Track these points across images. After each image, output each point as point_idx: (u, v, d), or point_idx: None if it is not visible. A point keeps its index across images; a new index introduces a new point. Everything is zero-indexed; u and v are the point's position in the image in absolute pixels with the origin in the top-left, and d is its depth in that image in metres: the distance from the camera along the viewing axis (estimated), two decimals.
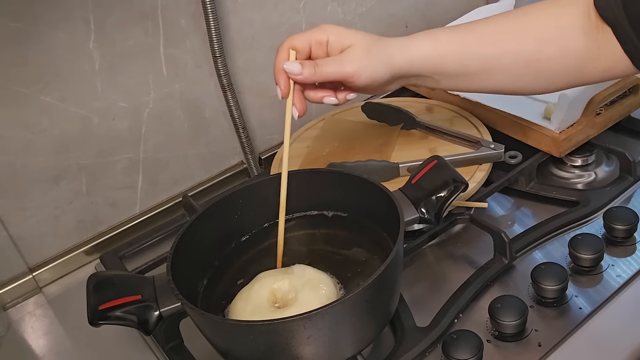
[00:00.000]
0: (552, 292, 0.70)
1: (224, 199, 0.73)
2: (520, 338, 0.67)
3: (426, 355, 0.67)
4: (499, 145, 0.86)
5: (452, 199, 0.66)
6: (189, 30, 0.91)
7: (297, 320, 0.56)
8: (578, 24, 0.66)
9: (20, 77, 0.80)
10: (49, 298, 0.88)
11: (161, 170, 0.96)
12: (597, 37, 0.66)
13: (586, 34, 0.66)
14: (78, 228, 0.91)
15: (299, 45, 0.67)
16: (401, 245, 0.62)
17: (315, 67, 0.66)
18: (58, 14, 0.80)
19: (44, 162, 0.85)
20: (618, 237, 0.77)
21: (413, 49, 0.68)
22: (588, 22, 0.66)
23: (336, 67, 0.66)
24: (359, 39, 0.67)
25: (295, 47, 0.67)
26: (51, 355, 0.79)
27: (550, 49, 0.67)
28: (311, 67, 0.66)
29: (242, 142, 1.00)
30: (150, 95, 0.91)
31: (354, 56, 0.66)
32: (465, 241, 0.82)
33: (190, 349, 0.71)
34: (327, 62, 0.67)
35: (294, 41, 0.67)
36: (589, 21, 0.66)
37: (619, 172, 0.87)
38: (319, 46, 0.67)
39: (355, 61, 0.66)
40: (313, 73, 0.66)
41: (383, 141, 0.92)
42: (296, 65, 0.66)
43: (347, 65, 0.66)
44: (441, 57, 0.68)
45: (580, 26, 0.66)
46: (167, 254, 0.65)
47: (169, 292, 0.61)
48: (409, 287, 0.75)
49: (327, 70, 0.66)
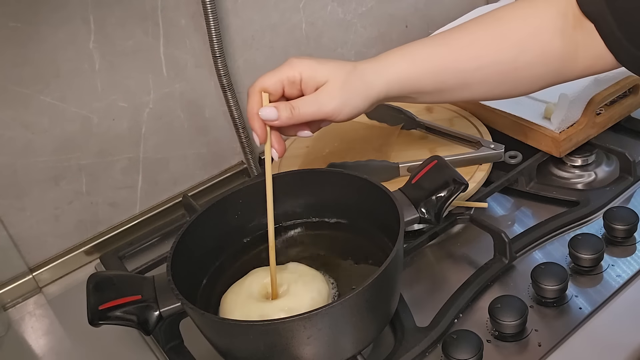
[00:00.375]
0: (552, 292, 0.70)
1: (224, 199, 0.73)
2: (520, 338, 0.67)
3: (426, 355, 0.67)
4: (499, 145, 0.86)
5: (452, 199, 0.66)
6: (189, 31, 0.91)
7: (297, 320, 0.56)
8: (554, 27, 0.66)
9: (20, 77, 0.80)
10: (49, 298, 0.88)
11: (161, 170, 0.96)
12: (574, 37, 0.65)
13: (563, 35, 0.65)
14: (78, 228, 0.91)
15: (270, 87, 0.63)
16: (401, 245, 0.62)
17: (292, 110, 0.63)
18: (58, 14, 0.80)
19: (44, 162, 0.85)
20: (618, 237, 0.77)
21: (390, 74, 0.66)
22: (565, 23, 0.65)
23: (314, 108, 0.63)
24: (333, 73, 0.64)
25: (267, 89, 0.63)
26: (51, 355, 0.79)
27: (527, 56, 0.67)
28: (288, 111, 0.63)
29: (242, 142, 1.00)
30: (150, 95, 0.91)
31: (331, 94, 0.63)
32: (465, 241, 0.82)
33: (190, 349, 0.71)
34: (304, 103, 0.63)
35: (265, 83, 0.63)
36: (566, 21, 0.65)
37: (619, 172, 0.87)
38: (292, 85, 0.64)
39: (334, 99, 0.63)
40: (290, 117, 0.63)
41: (383, 141, 0.92)
42: (271, 110, 0.62)
43: (326, 105, 0.63)
44: (418, 78, 0.67)
45: (557, 28, 0.65)
46: (167, 254, 0.65)
47: (169, 292, 0.61)
48: (409, 287, 0.75)
49: (306, 113, 0.63)
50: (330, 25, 1.05)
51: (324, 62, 0.65)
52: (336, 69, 0.65)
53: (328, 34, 1.05)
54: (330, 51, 1.07)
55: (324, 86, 0.64)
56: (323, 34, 1.05)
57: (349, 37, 1.08)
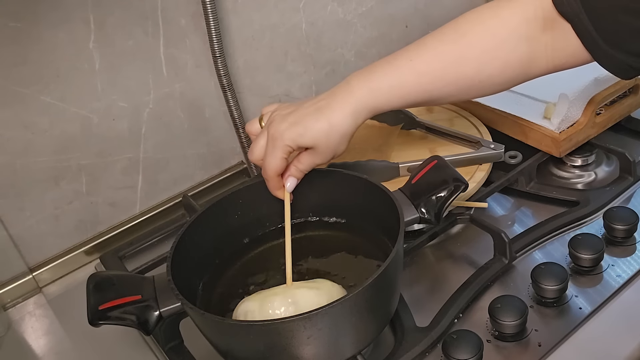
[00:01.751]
0: (552, 292, 0.70)
1: (224, 199, 0.73)
2: (520, 338, 0.67)
3: (426, 355, 0.67)
4: (499, 145, 0.86)
5: (452, 199, 0.66)
6: (189, 30, 0.91)
7: (297, 320, 0.56)
8: (519, 35, 0.66)
9: (20, 77, 0.80)
10: (49, 298, 0.88)
11: (161, 170, 0.96)
12: (542, 40, 0.66)
13: (529, 41, 0.66)
14: (78, 228, 0.91)
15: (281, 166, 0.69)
16: (401, 245, 0.62)
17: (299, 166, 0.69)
18: (58, 14, 0.80)
19: (44, 162, 0.85)
20: (618, 237, 0.77)
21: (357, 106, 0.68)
22: (532, 28, 0.66)
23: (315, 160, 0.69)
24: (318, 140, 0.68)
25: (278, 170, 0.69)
26: (51, 355, 0.79)
27: (489, 69, 0.68)
28: (298, 172, 0.70)
29: (242, 142, 1.00)
30: (150, 95, 0.91)
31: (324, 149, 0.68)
32: (465, 241, 0.82)
33: (190, 349, 0.71)
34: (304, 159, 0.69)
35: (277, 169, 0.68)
36: (534, 26, 0.66)
37: (619, 172, 0.87)
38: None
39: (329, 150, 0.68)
40: (301, 175, 0.70)
41: (383, 141, 0.92)
42: (294, 182, 0.70)
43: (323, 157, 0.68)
44: (382, 103, 0.69)
45: (522, 35, 0.66)
46: (167, 254, 0.65)
47: (169, 292, 0.61)
48: (409, 287, 0.75)
49: (309, 165, 0.69)
50: (330, 25, 1.05)
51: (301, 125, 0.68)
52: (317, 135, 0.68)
53: (328, 34, 1.05)
54: (330, 51, 1.07)
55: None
56: (323, 34, 1.05)
57: (349, 37, 1.08)
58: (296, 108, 0.69)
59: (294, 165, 0.70)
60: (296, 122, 0.67)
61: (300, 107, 0.69)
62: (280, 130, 0.67)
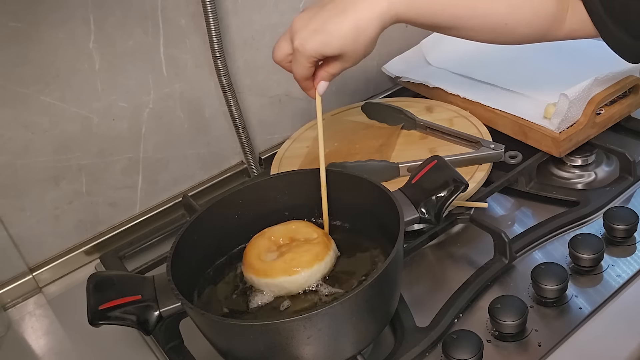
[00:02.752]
0: (552, 292, 0.70)
1: (224, 199, 0.73)
2: (520, 338, 0.67)
3: (426, 355, 0.67)
4: (499, 145, 0.86)
5: (452, 199, 0.66)
6: (189, 30, 0.91)
7: (297, 321, 0.56)
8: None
9: (20, 77, 0.80)
10: (49, 298, 0.88)
11: (161, 170, 0.96)
12: (566, 3, 0.68)
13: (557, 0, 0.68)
14: (78, 228, 0.91)
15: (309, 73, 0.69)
16: (401, 245, 0.62)
17: (329, 70, 0.68)
18: (58, 14, 0.80)
19: (44, 162, 0.85)
20: (618, 237, 0.77)
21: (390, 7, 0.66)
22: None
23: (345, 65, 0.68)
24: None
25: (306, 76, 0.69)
26: (51, 355, 0.79)
27: (520, 15, 0.69)
28: (329, 76, 0.69)
29: (242, 142, 1.00)
30: (150, 95, 0.91)
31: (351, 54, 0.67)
32: (465, 241, 0.82)
33: (190, 349, 0.71)
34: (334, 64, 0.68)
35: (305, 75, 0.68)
36: None
37: (619, 172, 0.87)
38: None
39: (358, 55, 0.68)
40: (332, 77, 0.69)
41: (383, 141, 0.92)
42: (325, 85, 0.70)
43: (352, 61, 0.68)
44: (412, 13, 0.67)
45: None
46: (167, 254, 0.65)
47: (169, 292, 0.61)
48: (409, 287, 0.75)
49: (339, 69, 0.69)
50: None
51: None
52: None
53: None
54: None
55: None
56: None
57: None
58: (319, 10, 0.66)
59: (324, 70, 0.68)
60: (318, 29, 0.64)
61: (322, 9, 0.66)
62: (302, 40, 0.64)
